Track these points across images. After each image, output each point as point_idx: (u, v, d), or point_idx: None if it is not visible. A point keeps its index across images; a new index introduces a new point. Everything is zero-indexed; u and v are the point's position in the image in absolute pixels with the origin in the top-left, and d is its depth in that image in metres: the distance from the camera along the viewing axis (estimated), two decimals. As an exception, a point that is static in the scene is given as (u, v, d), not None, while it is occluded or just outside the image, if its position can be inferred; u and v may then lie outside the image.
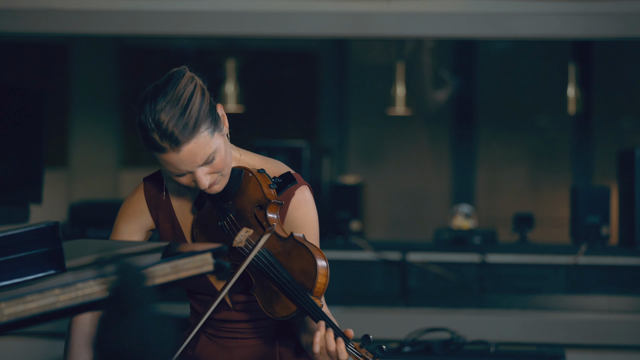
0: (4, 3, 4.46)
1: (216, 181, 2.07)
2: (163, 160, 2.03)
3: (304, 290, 2.03)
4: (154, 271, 1.46)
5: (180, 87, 2.02)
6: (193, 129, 1.99)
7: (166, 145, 1.99)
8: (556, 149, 7.55)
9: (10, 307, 1.33)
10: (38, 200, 4.00)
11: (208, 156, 2.02)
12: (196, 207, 2.17)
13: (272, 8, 4.47)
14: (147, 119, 2.00)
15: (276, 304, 2.06)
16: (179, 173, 2.04)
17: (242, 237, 2.11)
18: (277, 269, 2.05)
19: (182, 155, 2.00)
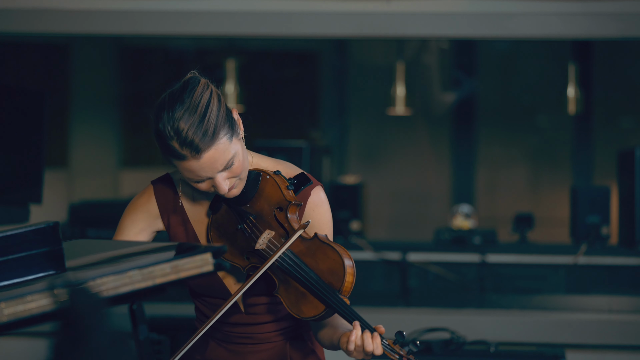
0: (4, 3, 4.46)
1: (234, 185, 2.07)
2: (182, 168, 2.02)
3: (332, 290, 2.02)
4: (154, 271, 1.46)
5: (197, 94, 2.01)
6: (213, 136, 1.99)
7: (186, 153, 1.99)
8: (556, 149, 7.55)
9: (10, 307, 1.33)
10: (38, 200, 4.00)
11: (227, 161, 2.02)
12: (212, 211, 2.15)
13: (272, 8, 4.47)
14: (166, 128, 1.99)
15: (303, 304, 2.04)
16: (199, 179, 2.04)
17: (264, 239, 2.10)
18: (303, 269, 2.05)
19: (203, 162, 2.00)
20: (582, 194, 5.10)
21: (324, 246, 2.06)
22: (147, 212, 2.19)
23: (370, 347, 1.99)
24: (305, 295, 2.04)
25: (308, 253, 2.07)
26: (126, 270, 1.43)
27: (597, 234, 4.99)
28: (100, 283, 1.40)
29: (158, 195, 2.20)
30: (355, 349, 2.01)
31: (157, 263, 1.47)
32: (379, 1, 4.45)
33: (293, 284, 2.06)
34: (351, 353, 2.02)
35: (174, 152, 2.00)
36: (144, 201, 2.20)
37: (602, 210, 5.05)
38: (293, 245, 2.07)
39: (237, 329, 2.19)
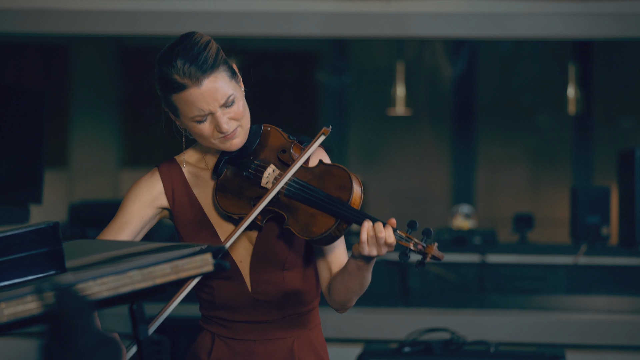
0: (4, 3, 4.47)
1: (236, 133, 2.09)
2: (184, 102, 2.05)
3: (341, 201, 2.03)
4: (154, 271, 1.46)
5: (196, 37, 2.08)
6: (213, 64, 2.04)
7: (187, 81, 2.03)
8: (556, 149, 7.55)
9: (10, 307, 1.33)
10: (38, 200, 4.00)
11: (228, 96, 2.06)
12: (216, 176, 2.16)
13: (272, 8, 4.47)
14: (167, 66, 2.04)
15: (313, 225, 2.04)
16: (201, 114, 2.05)
17: (269, 175, 2.11)
18: (311, 189, 2.06)
19: (204, 90, 2.03)
20: (582, 194, 5.10)
21: (329, 167, 2.08)
22: (152, 187, 2.20)
23: (382, 232, 1.98)
24: (315, 215, 2.04)
25: (314, 178, 2.08)
26: (126, 270, 1.43)
27: (597, 234, 4.99)
28: (100, 283, 1.40)
29: (163, 173, 2.20)
30: (368, 239, 1.99)
31: (157, 263, 1.47)
32: (379, 1, 4.45)
33: (301, 209, 2.06)
34: (364, 247, 2.00)
35: (174, 84, 2.03)
36: (148, 178, 2.21)
37: (602, 210, 5.05)
38: (300, 175, 2.09)
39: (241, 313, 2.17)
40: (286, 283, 2.17)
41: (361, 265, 2.06)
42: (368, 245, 2.00)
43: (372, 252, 2.00)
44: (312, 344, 2.22)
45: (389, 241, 2.00)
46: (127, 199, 2.19)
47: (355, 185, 2.05)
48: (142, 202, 2.19)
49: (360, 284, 2.11)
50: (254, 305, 2.17)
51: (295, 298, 2.18)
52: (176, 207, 2.19)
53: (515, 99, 7.59)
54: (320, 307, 2.27)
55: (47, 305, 1.25)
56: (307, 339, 2.22)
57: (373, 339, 4.17)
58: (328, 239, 2.05)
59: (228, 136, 2.09)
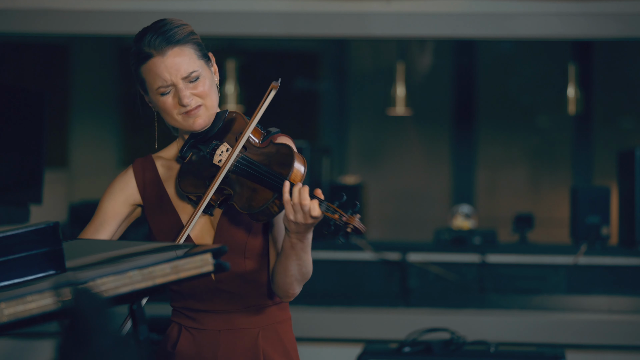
0: (4, 3, 4.47)
1: (199, 111, 2.13)
2: (149, 72, 2.12)
3: (281, 175, 2.05)
4: (154, 271, 1.46)
5: (170, 20, 2.17)
6: (180, 40, 2.13)
7: (152, 51, 2.11)
8: (556, 149, 7.55)
9: (10, 307, 1.33)
10: (38, 200, 4.00)
11: (192, 71, 2.12)
12: (181, 159, 2.20)
13: (272, 8, 4.47)
14: (138, 41, 2.14)
15: (254, 200, 2.07)
16: (164, 85, 2.11)
17: (222, 153, 2.15)
18: (254, 164, 2.09)
19: (167, 60, 2.11)
20: (582, 194, 5.10)
21: (278, 146, 2.12)
22: (125, 184, 2.24)
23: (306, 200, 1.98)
24: (256, 189, 2.07)
25: (260, 155, 2.12)
26: (126, 270, 1.43)
27: (597, 234, 4.99)
28: (101, 283, 1.40)
29: (136, 169, 2.25)
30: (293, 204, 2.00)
31: (157, 263, 1.47)
32: (379, 1, 4.45)
33: (246, 185, 2.09)
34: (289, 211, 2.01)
35: (141, 55, 2.12)
36: (122, 176, 2.26)
37: (602, 210, 5.05)
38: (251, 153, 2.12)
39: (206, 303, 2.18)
40: (248, 272, 2.18)
41: (295, 243, 2.06)
42: (294, 212, 2.01)
43: (298, 219, 2.01)
44: (279, 337, 2.22)
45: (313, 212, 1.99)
46: (102, 199, 2.25)
47: (297, 163, 2.07)
48: (116, 201, 2.23)
49: (297, 266, 2.10)
50: (217, 293, 2.18)
51: (258, 289, 2.19)
52: (146, 199, 2.23)
53: (515, 99, 7.59)
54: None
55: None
56: (273, 332, 2.22)
57: (373, 339, 4.17)
58: (266, 213, 2.07)
59: (191, 112, 2.14)
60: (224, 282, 2.17)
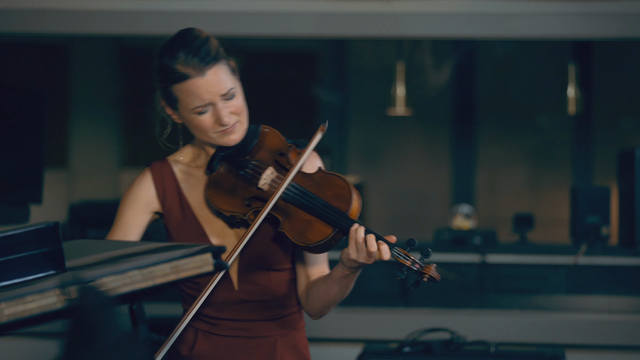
0: (4, 3, 4.47)
1: (235, 128, 2.10)
2: (186, 92, 2.06)
3: (340, 212, 2.03)
4: (154, 271, 1.46)
5: (196, 31, 2.11)
6: (215, 57, 2.07)
7: (190, 71, 2.05)
8: (556, 149, 7.55)
9: (10, 307, 1.33)
10: (38, 200, 4.00)
11: (230, 89, 2.08)
12: (209, 171, 2.16)
13: (272, 8, 4.47)
14: (169, 57, 2.07)
15: (309, 232, 2.03)
16: (202, 104, 2.06)
17: (267, 177, 2.11)
18: (310, 195, 2.06)
19: (207, 80, 2.05)
20: (582, 194, 5.10)
21: (329, 176, 2.09)
22: (146, 192, 2.20)
23: (374, 247, 1.97)
24: (311, 222, 2.04)
25: (312, 185, 2.08)
26: (126, 270, 1.43)
27: (597, 234, 4.99)
28: (101, 283, 1.40)
29: (155, 174, 2.22)
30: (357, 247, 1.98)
31: (157, 263, 1.47)
32: (379, 1, 4.45)
33: (298, 215, 2.06)
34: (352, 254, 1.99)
35: (176, 75, 2.06)
36: (140, 181, 2.22)
37: (602, 210, 5.05)
38: (298, 181, 2.09)
39: (226, 312, 2.17)
40: (272, 284, 2.17)
41: (347, 274, 2.06)
42: (357, 251, 2.00)
43: (360, 259, 2.01)
44: (295, 344, 2.23)
45: (384, 256, 2.00)
46: (123, 207, 2.21)
47: (354, 197, 2.05)
48: (138, 209, 2.20)
49: (341, 292, 2.12)
50: (239, 303, 2.17)
51: (280, 300, 2.19)
52: (166, 207, 2.20)
53: (515, 99, 7.59)
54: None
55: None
56: (291, 340, 2.22)
57: (373, 339, 4.17)
58: (323, 247, 2.05)
59: (227, 130, 2.10)
60: (247, 293, 2.16)
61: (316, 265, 2.20)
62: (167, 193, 2.20)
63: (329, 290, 2.11)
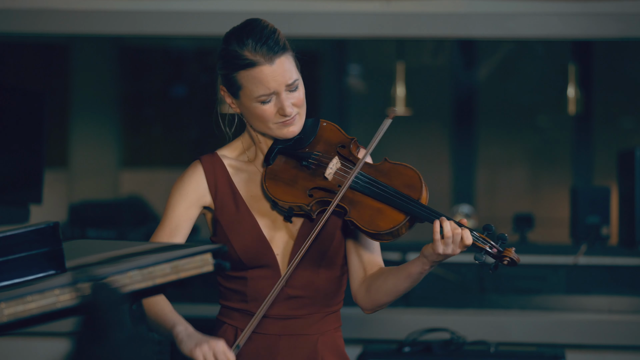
0: (4, 3, 4.47)
1: (295, 120, 2.11)
2: (253, 79, 2.06)
3: (411, 198, 2.03)
4: (154, 271, 1.46)
5: (263, 22, 2.13)
6: (283, 47, 2.10)
7: (259, 58, 2.06)
8: (556, 149, 7.55)
9: (10, 307, 1.33)
10: (38, 200, 4.00)
11: (295, 80, 2.11)
12: (266, 164, 2.14)
13: (272, 8, 4.47)
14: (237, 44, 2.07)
15: (380, 219, 2.02)
16: (267, 93, 2.06)
17: (333, 166, 2.11)
18: (380, 183, 2.06)
19: (275, 69, 2.06)
20: (582, 194, 5.10)
21: (396, 166, 2.10)
22: (197, 185, 2.17)
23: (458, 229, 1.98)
24: (382, 210, 2.03)
25: (380, 174, 2.09)
26: (126, 270, 1.43)
27: (597, 234, 4.99)
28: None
29: (206, 168, 2.18)
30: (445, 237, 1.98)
31: (157, 263, 1.47)
32: (379, 1, 4.45)
33: (367, 203, 2.04)
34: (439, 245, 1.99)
35: (245, 61, 2.06)
36: (191, 174, 2.18)
37: (602, 210, 5.05)
38: (365, 171, 2.09)
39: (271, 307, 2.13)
40: (320, 280, 2.16)
41: (427, 269, 2.06)
42: (444, 244, 1.99)
43: (447, 251, 2.01)
44: (335, 343, 2.22)
45: (466, 241, 1.98)
46: (173, 200, 2.16)
47: (424, 185, 2.06)
48: (189, 203, 2.16)
49: (410, 287, 2.13)
50: (285, 299, 2.15)
51: (325, 296, 2.18)
52: (218, 200, 2.16)
53: (515, 99, 7.59)
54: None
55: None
56: (330, 339, 2.21)
57: (373, 339, 4.17)
58: (394, 235, 2.04)
59: (287, 122, 2.11)
60: (295, 288, 2.15)
61: (373, 258, 2.19)
62: (219, 186, 2.16)
63: (400, 284, 2.12)
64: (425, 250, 2.02)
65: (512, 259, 1.97)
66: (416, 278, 2.10)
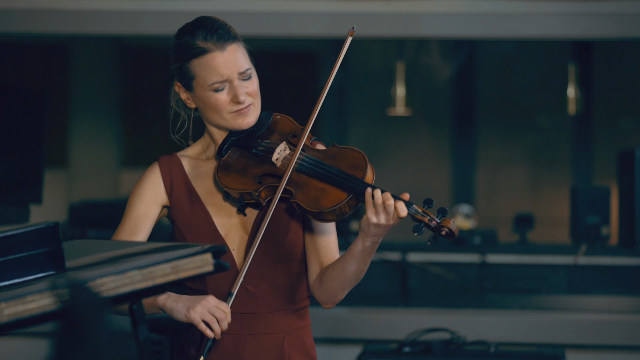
0: (4, 3, 4.47)
1: (249, 110, 2.14)
2: (205, 66, 2.10)
3: (355, 177, 2.04)
4: (154, 271, 1.46)
5: (213, 17, 2.19)
6: (234, 37, 2.13)
7: (210, 45, 2.11)
8: (556, 149, 7.55)
9: (10, 307, 1.33)
10: (38, 200, 4.00)
11: (247, 68, 2.13)
12: (219, 156, 2.16)
13: (272, 8, 4.47)
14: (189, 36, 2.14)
15: (324, 199, 2.03)
16: (220, 80, 2.10)
17: (281, 151, 2.12)
18: (324, 164, 2.07)
19: (227, 55, 2.10)
20: (582, 194, 5.10)
21: (343, 149, 2.10)
22: (154, 184, 2.20)
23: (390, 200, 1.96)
24: (326, 189, 2.05)
25: (327, 157, 2.10)
26: (126, 270, 1.43)
27: (597, 234, 4.99)
28: (101, 283, 1.40)
29: (163, 168, 2.21)
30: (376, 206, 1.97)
31: (157, 263, 1.47)
32: (379, 1, 4.45)
33: (312, 184, 2.06)
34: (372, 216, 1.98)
35: (196, 50, 2.11)
36: (148, 174, 2.22)
37: (602, 210, 5.05)
38: (312, 154, 2.10)
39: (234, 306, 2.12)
40: (279, 276, 2.16)
41: (367, 245, 2.03)
42: (375, 213, 1.99)
43: (381, 220, 1.99)
44: (302, 342, 2.21)
45: (401, 213, 1.98)
46: (132, 201, 2.20)
47: (369, 165, 2.06)
48: (147, 202, 2.19)
49: (359, 270, 2.08)
50: (245, 296, 2.15)
51: (287, 293, 2.17)
52: (173, 198, 2.19)
53: (515, 99, 7.59)
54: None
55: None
56: (297, 337, 2.20)
57: (373, 339, 4.17)
58: (337, 213, 2.04)
59: (242, 111, 2.13)
60: (253, 284, 2.15)
61: (329, 253, 2.18)
62: (174, 184, 2.19)
63: (347, 267, 2.09)
64: (362, 222, 2.02)
65: (450, 229, 1.97)
66: (360, 257, 2.06)
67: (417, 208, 2.00)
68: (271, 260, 2.15)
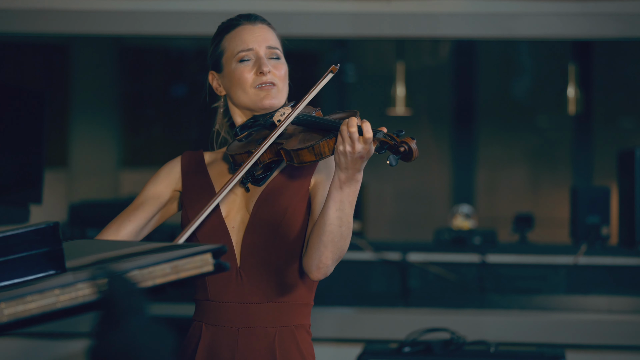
0: (4, 3, 4.47)
1: (272, 90, 2.21)
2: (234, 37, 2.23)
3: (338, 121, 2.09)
4: (154, 271, 1.46)
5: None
6: (268, 23, 2.28)
7: (242, 21, 2.25)
8: (556, 149, 7.55)
9: (10, 307, 1.33)
10: (38, 200, 4.00)
11: (276, 47, 2.25)
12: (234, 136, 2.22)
13: (272, 8, 4.47)
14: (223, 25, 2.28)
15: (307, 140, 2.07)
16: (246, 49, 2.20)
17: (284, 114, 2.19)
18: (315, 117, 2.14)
19: (256, 29, 2.23)
20: (582, 194, 5.10)
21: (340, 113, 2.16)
22: (170, 169, 2.26)
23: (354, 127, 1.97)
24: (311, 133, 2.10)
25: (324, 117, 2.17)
26: (126, 270, 1.43)
27: (597, 234, 4.99)
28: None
29: (184, 158, 2.27)
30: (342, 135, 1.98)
31: (157, 263, 1.47)
32: (379, 1, 4.45)
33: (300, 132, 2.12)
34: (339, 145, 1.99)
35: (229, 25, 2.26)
36: (169, 163, 2.29)
37: (602, 210, 5.05)
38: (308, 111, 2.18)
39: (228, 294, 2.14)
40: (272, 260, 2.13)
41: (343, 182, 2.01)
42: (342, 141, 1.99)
43: (347, 148, 1.98)
44: (296, 341, 2.17)
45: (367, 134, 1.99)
46: (146, 184, 2.26)
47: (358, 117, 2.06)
48: (159, 183, 2.24)
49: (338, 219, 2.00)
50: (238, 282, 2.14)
51: (282, 284, 2.14)
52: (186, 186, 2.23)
53: (515, 99, 7.59)
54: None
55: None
56: (290, 335, 2.16)
57: (373, 339, 4.17)
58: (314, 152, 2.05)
59: (265, 86, 2.20)
60: (245, 269, 2.14)
61: None
62: (190, 169, 2.24)
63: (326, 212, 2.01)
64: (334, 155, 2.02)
65: (409, 146, 1.98)
66: (337, 198, 2.00)
67: (383, 131, 2.04)
68: (270, 242, 2.13)
